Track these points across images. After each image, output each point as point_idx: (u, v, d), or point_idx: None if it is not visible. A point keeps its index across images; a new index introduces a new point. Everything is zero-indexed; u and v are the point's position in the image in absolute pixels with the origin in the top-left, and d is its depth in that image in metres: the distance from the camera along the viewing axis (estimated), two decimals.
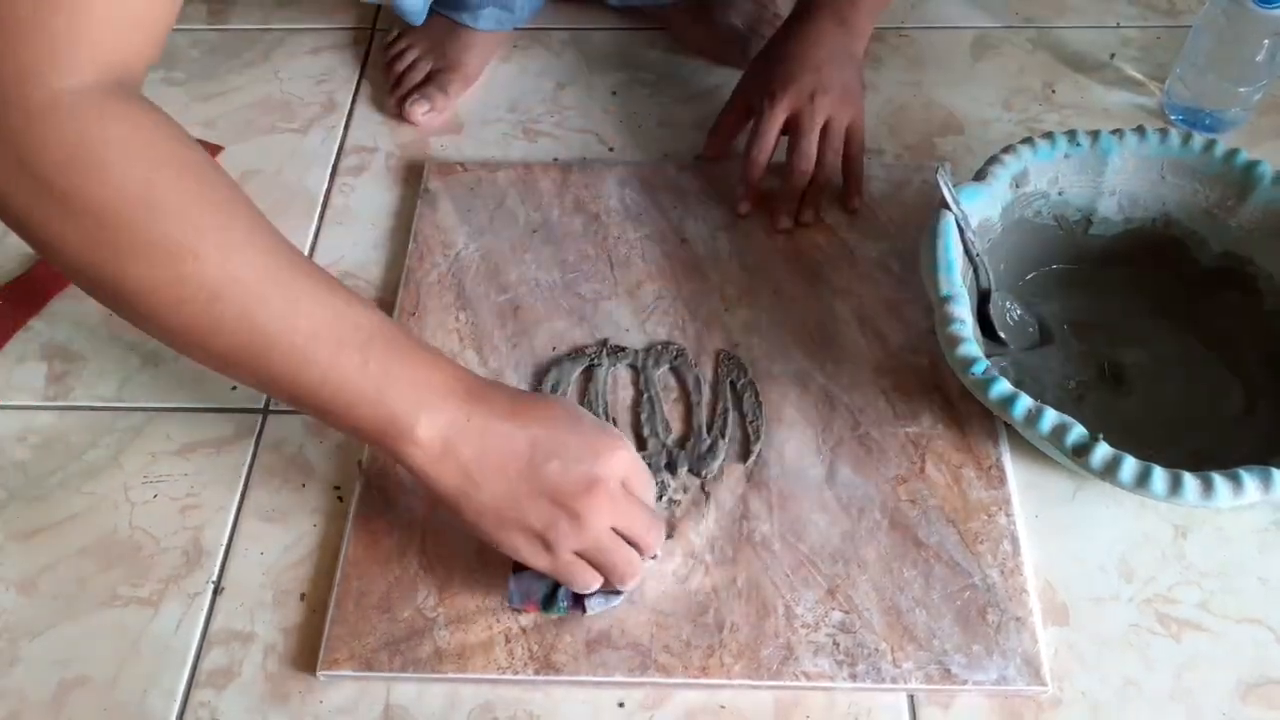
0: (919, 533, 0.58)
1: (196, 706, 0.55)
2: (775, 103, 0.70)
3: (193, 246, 0.43)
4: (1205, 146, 0.63)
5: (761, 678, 0.53)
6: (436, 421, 0.47)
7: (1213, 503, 0.51)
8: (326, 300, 0.46)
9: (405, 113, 0.81)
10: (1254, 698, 0.54)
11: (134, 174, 0.42)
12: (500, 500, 0.49)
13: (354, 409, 0.47)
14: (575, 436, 0.50)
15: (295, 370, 0.46)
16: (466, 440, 0.48)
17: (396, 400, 0.47)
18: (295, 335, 0.45)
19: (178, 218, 0.43)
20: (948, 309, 0.57)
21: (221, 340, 0.45)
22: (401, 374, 0.47)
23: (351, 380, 0.46)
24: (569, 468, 0.49)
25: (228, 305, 0.44)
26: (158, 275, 0.43)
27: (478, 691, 0.55)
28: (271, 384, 0.47)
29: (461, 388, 0.49)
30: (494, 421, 0.48)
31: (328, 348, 0.45)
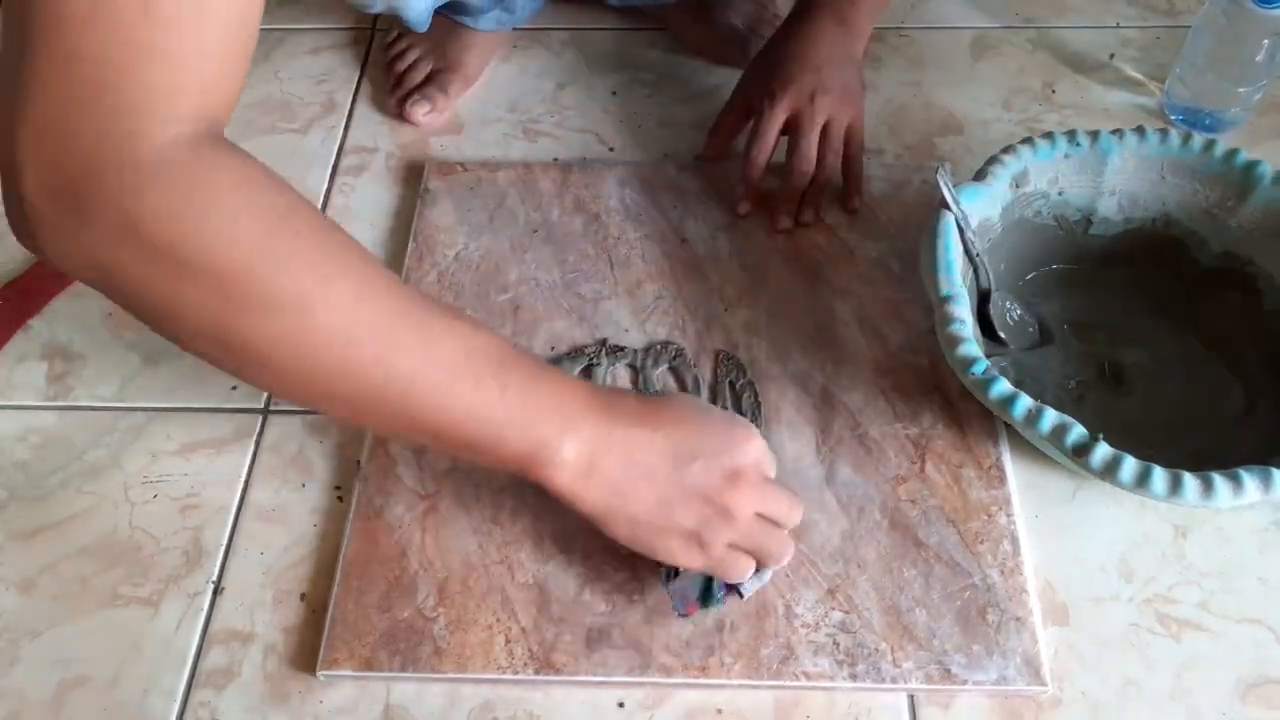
0: (919, 533, 0.58)
1: (196, 706, 0.55)
2: (775, 103, 0.70)
3: (321, 294, 0.42)
4: (1205, 146, 0.63)
5: (761, 677, 0.53)
6: (579, 440, 0.47)
7: (1213, 503, 0.51)
8: (457, 332, 0.46)
9: (406, 113, 0.81)
10: (1254, 698, 0.54)
11: (250, 225, 0.41)
12: (651, 508, 0.49)
13: (501, 440, 0.46)
14: (710, 433, 0.50)
15: (437, 409, 0.45)
16: (610, 454, 0.48)
17: (541, 424, 0.47)
18: (435, 373, 0.44)
19: (301, 265, 0.41)
20: (948, 309, 0.57)
21: (356, 386, 0.44)
22: (540, 397, 0.47)
23: (495, 412, 0.46)
24: (710, 465, 0.49)
25: (362, 350, 0.43)
26: (287, 326, 0.42)
27: (477, 691, 0.55)
28: (412, 426, 0.46)
29: (596, 403, 0.49)
30: (632, 430, 0.49)
31: (467, 381, 0.45)
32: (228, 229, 0.40)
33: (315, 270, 0.42)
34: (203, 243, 0.40)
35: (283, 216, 0.42)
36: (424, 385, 0.44)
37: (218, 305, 0.41)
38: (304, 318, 0.41)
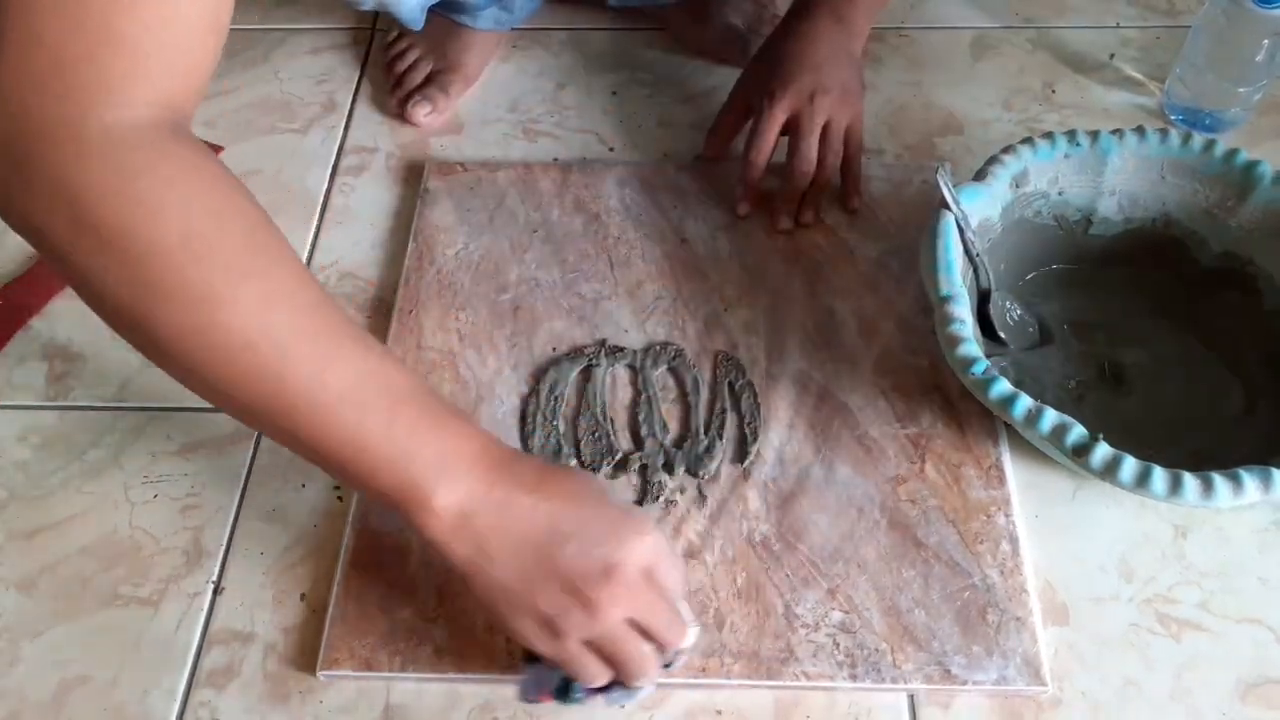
0: (919, 533, 0.58)
1: (196, 706, 0.55)
2: (774, 103, 0.70)
3: (230, 294, 0.42)
4: (1205, 146, 0.63)
5: (761, 677, 0.53)
6: (455, 491, 0.46)
7: (1213, 503, 0.51)
8: (358, 361, 0.45)
9: (407, 114, 0.81)
10: (1254, 698, 0.54)
11: (179, 214, 0.41)
12: (512, 578, 0.46)
13: (375, 473, 0.45)
14: (599, 517, 0.47)
15: (320, 429, 0.45)
16: (485, 512, 0.46)
17: (417, 467, 0.45)
18: (323, 394, 0.44)
19: (217, 263, 0.42)
20: (948, 309, 0.57)
21: (248, 392, 0.44)
22: (426, 440, 0.46)
23: (375, 444, 0.45)
24: (587, 550, 0.46)
25: (256, 357, 0.43)
26: (191, 320, 0.42)
27: (478, 691, 0.55)
28: (295, 441, 0.46)
29: (487, 458, 0.47)
30: (515, 494, 0.46)
31: (354, 410, 0.44)
32: (154, 216, 0.41)
33: (231, 269, 0.42)
34: (127, 225, 0.41)
35: (214, 214, 0.43)
36: (310, 404, 0.44)
37: (134, 289, 0.41)
38: (208, 315, 0.42)
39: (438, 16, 0.84)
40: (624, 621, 0.47)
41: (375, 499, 0.47)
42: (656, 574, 0.47)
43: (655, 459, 0.61)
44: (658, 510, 0.59)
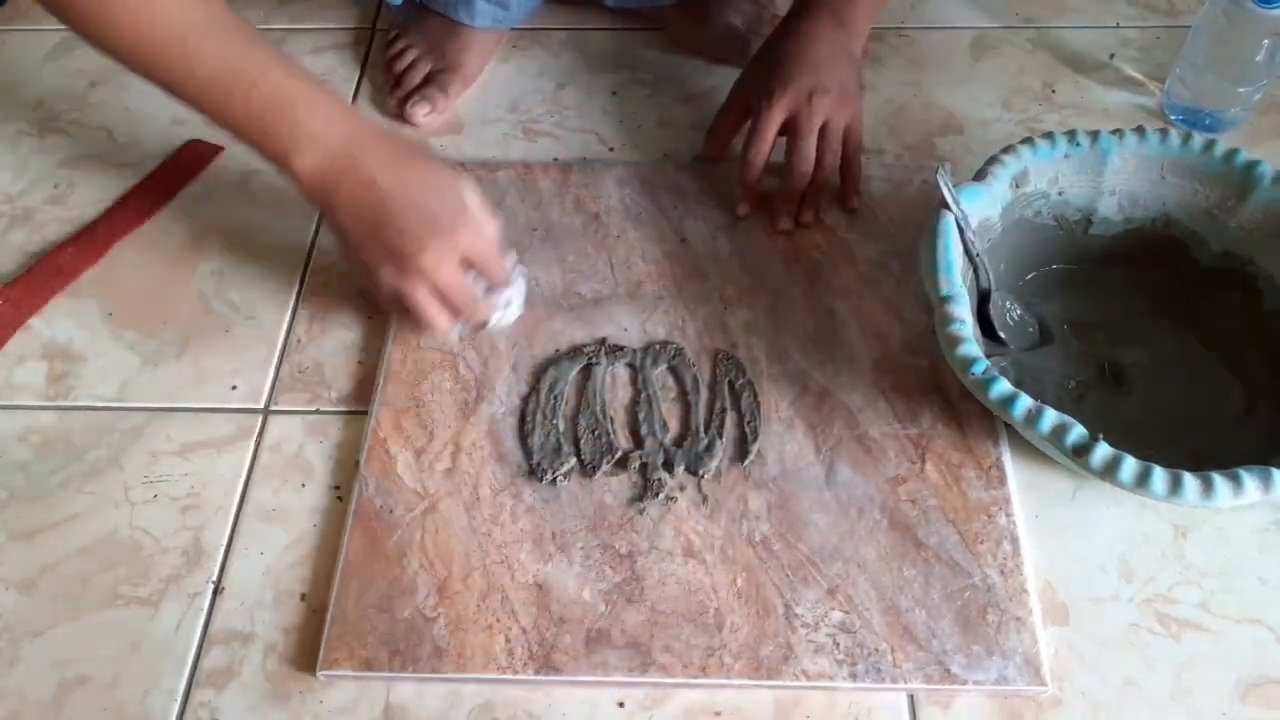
0: (919, 533, 0.58)
1: (196, 706, 0.55)
2: (773, 103, 0.70)
3: (107, 13, 0.53)
4: (1205, 146, 0.63)
5: (761, 677, 0.53)
6: (308, 160, 0.57)
7: (1213, 503, 0.51)
8: (222, 52, 0.56)
9: (406, 114, 0.81)
10: (1254, 698, 0.54)
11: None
12: (353, 239, 0.59)
13: (248, 142, 0.58)
14: (424, 209, 0.58)
15: (199, 108, 0.57)
16: (335, 180, 0.58)
17: (273, 142, 0.57)
18: (192, 82, 0.56)
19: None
20: (948, 309, 0.57)
21: (146, 78, 0.56)
22: (279, 119, 0.57)
23: (240, 122, 0.57)
24: (411, 230, 0.58)
25: (141, 61, 0.55)
26: (93, 35, 0.55)
27: (478, 691, 0.55)
28: (194, 112, 0.57)
29: (340, 129, 0.58)
30: (361, 168, 0.58)
31: (219, 93, 0.56)
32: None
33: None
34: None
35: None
36: (183, 90, 0.56)
37: (58, 10, 0.54)
38: (99, 31, 0.54)
39: (436, 16, 0.84)
40: (455, 276, 0.60)
41: None
42: (476, 262, 0.61)
43: (655, 458, 0.61)
44: (658, 508, 0.59)
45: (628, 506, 0.60)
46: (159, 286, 0.72)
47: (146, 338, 0.69)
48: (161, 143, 0.81)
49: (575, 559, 0.57)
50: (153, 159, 0.80)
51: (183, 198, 0.78)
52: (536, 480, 0.61)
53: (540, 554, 0.58)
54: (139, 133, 0.82)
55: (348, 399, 0.66)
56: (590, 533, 0.59)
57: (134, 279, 0.73)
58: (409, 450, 0.62)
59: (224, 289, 0.72)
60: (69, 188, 0.79)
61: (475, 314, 0.63)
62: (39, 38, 0.91)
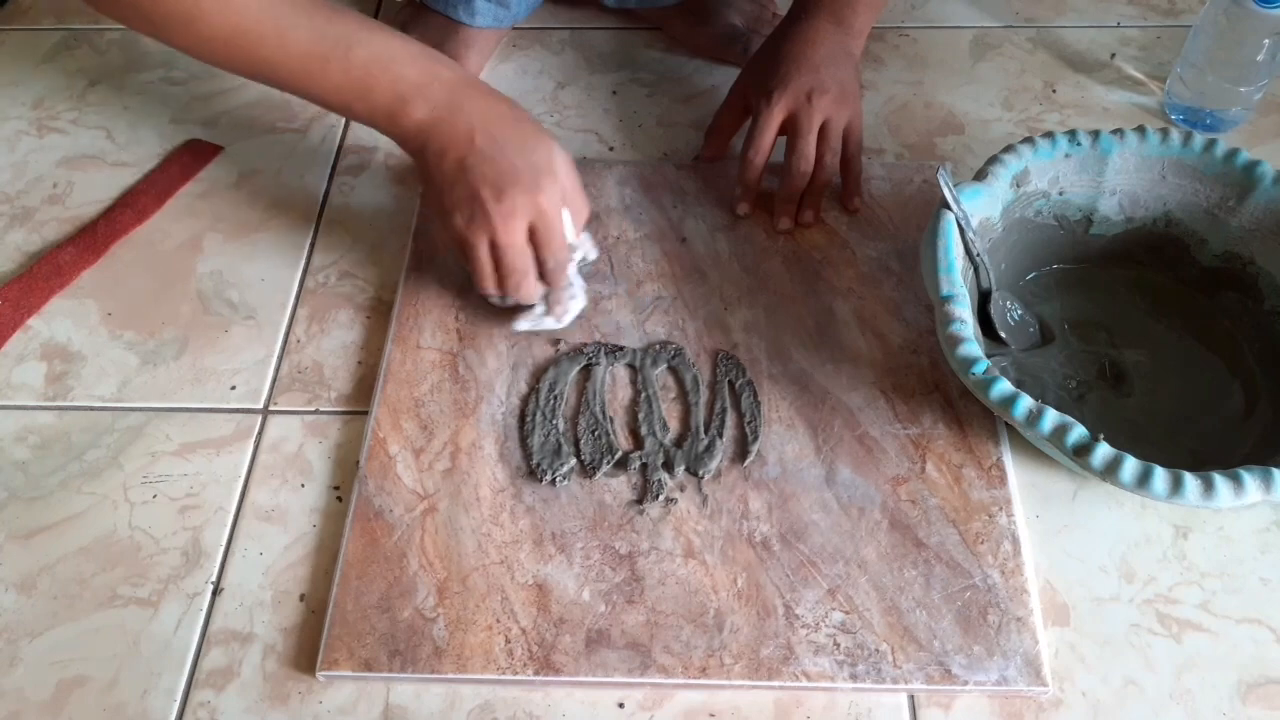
0: (919, 533, 0.58)
1: (196, 707, 0.54)
2: (772, 103, 0.70)
3: (194, 12, 0.54)
4: (1206, 146, 0.63)
5: (762, 678, 0.53)
6: (415, 113, 0.59)
7: (1213, 503, 0.51)
8: (311, 24, 0.57)
9: None
10: (1254, 698, 0.54)
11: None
12: (436, 177, 0.60)
13: (349, 108, 0.60)
14: (515, 161, 0.59)
15: (295, 84, 0.58)
16: (434, 129, 0.59)
17: (379, 97, 0.58)
18: (290, 61, 0.57)
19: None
20: (948, 309, 0.57)
21: (242, 69, 0.58)
22: (378, 80, 0.58)
23: (339, 87, 0.58)
24: (489, 181, 0.58)
25: (235, 50, 0.56)
26: (177, 37, 0.56)
27: (477, 692, 0.55)
28: (292, 92, 0.59)
29: (442, 83, 0.59)
30: (455, 122, 0.59)
31: (317, 65, 0.57)
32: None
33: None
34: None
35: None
36: (285, 70, 0.58)
37: (133, 21, 0.56)
38: (189, 29, 0.55)
39: (436, 15, 0.84)
40: (517, 236, 0.60)
41: (370, 124, 0.61)
42: (539, 233, 0.60)
43: (655, 458, 0.61)
44: (658, 509, 0.59)
45: (628, 507, 0.60)
46: (158, 286, 0.72)
47: (145, 338, 0.69)
48: (161, 142, 0.81)
49: (575, 559, 0.57)
50: (152, 159, 0.80)
51: (182, 197, 0.78)
52: (536, 481, 0.60)
53: (540, 554, 0.58)
54: (138, 132, 0.82)
55: (347, 399, 0.66)
56: (590, 533, 0.58)
57: (133, 279, 0.73)
58: (409, 450, 0.62)
59: (223, 289, 0.72)
60: (68, 187, 0.79)
61: (520, 288, 0.62)
62: (39, 37, 0.91)
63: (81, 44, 0.90)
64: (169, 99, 0.84)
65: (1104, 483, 0.53)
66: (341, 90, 0.58)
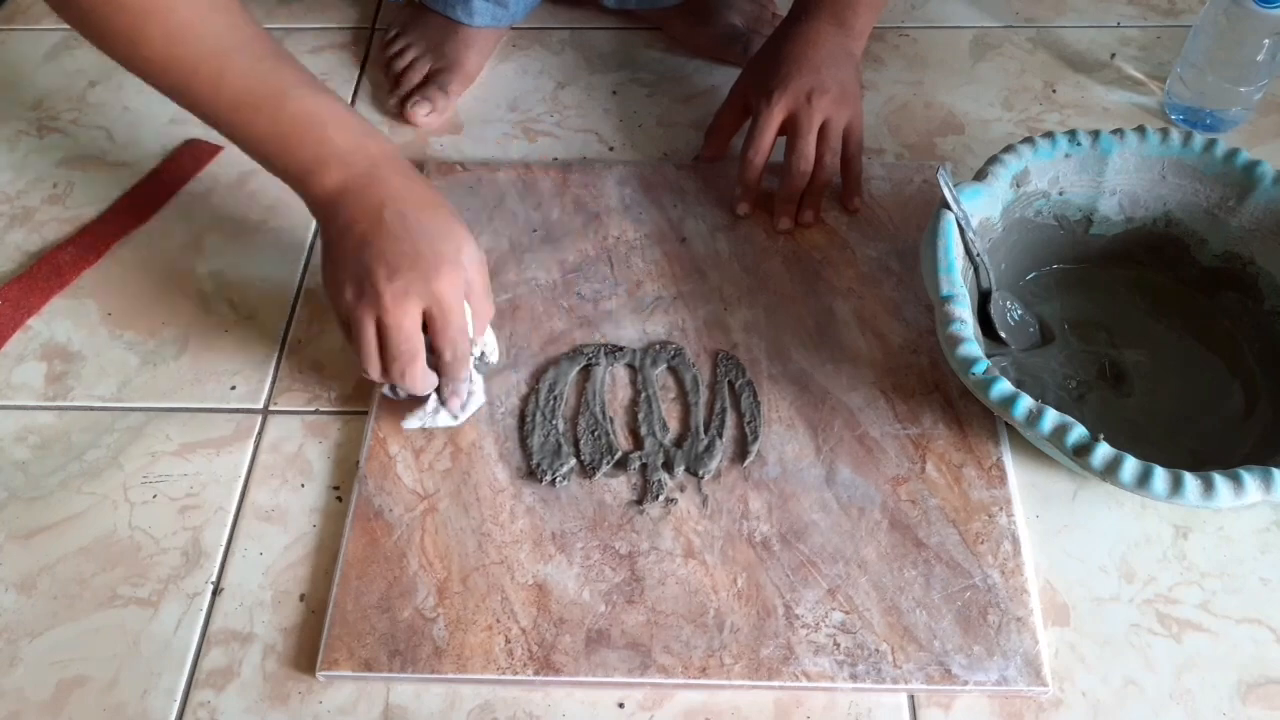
0: (919, 533, 0.58)
1: (196, 707, 0.54)
2: (772, 103, 0.70)
3: (139, 32, 0.53)
4: (1206, 146, 0.63)
5: (761, 678, 0.53)
6: (328, 178, 0.56)
7: (1214, 503, 0.51)
8: (252, 69, 0.55)
9: (407, 114, 0.81)
10: (1254, 698, 0.54)
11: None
12: (335, 247, 0.57)
13: (268, 161, 0.57)
14: (419, 244, 0.55)
15: (224, 128, 0.56)
16: (345, 199, 0.56)
17: (296, 160, 0.56)
18: (220, 101, 0.55)
19: (130, 9, 0.52)
20: (948, 309, 0.57)
21: (173, 98, 0.56)
22: (303, 140, 0.56)
23: (265, 139, 0.56)
24: (386, 259, 0.55)
25: (172, 78, 0.55)
26: (121, 54, 0.54)
27: (477, 692, 0.55)
28: (217, 131, 0.57)
29: (364, 154, 0.57)
30: (367, 195, 0.56)
31: (247, 111, 0.55)
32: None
33: (139, 11, 0.52)
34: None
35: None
36: (212, 109, 0.56)
37: (82, 26, 0.54)
38: (129, 49, 0.54)
39: (435, 15, 0.84)
40: (406, 319, 0.55)
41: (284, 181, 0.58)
42: (440, 317, 0.56)
43: (655, 458, 0.61)
44: (658, 509, 0.59)
45: (628, 507, 0.60)
46: (158, 286, 0.72)
47: (145, 338, 0.69)
48: (161, 143, 0.81)
49: (575, 559, 0.57)
50: (152, 159, 0.80)
51: (182, 197, 0.78)
52: (536, 481, 0.60)
53: (540, 554, 0.58)
54: (138, 132, 0.82)
55: (347, 399, 0.66)
56: (590, 533, 0.58)
57: (133, 279, 0.73)
58: (409, 450, 0.62)
59: (223, 289, 0.72)
60: (68, 187, 0.79)
61: (407, 376, 0.57)
62: (38, 37, 0.91)
63: (81, 44, 0.90)
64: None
65: (1104, 483, 0.53)
66: (265, 141, 0.56)
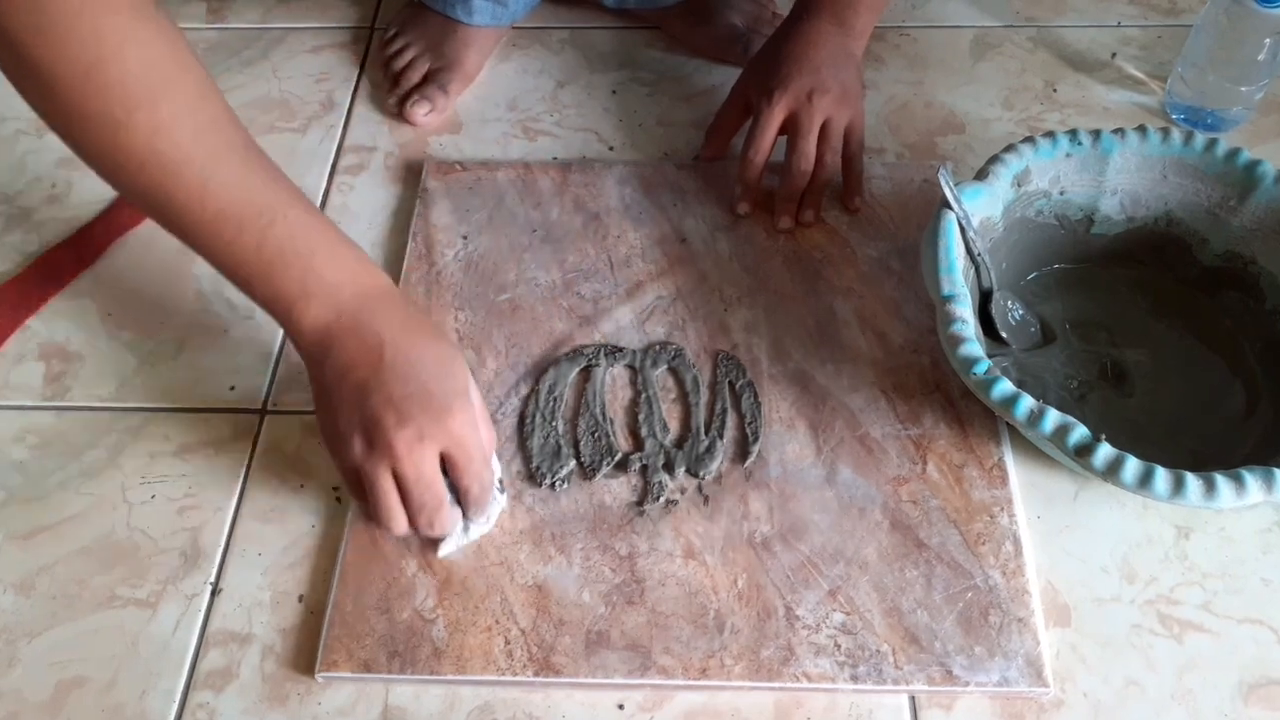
0: (920, 533, 0.58)
1: (195, 708, 0.54)
2: (772, 103, 0.70)
3: (123, 119, 0.47)
4: (1207, 146, 0.63)
5: (762, 679, 0.53)
6: (313, 312, 0.52)
7: (1215, 503, 0.50)
8: (240, 181, 0.51)
9: (407, 114, 0.81)
10: (1255, 698, 0.54)
11: (83, 44, 0.45)
12: (334, 393, 0.52)
13: (249, 285, 0.53)
14: (427, 382, 0.52)
15: (202, 243, 0.52)
16: (337, 337, 0.52)
17: (283, 286, 0.52)
18: (202, 212, 0.50)
19: (114, 91, 0.47)
20: (949, 309, 0.57)
21: (145, 203, 0.51)
22: (291, 264, 0.51)
23: (247, 261, 0.51)
24: (395, 403, 0.51)
25: (147, 176, 0.49)
26: (93, 141, 0.48)
27: (476, 693, 0.54)
28: (190, 246, 0.52)
29: (354, 287, 0.53)
30: (363, 332, 0.52)
31: (230, 228, 0.50)
32: (61, 42, 0.45)
33: (126, 96, 0.47)
34: (36, 49, 0.45)
35: (121, 43, 0.47)
36: (192, 221, 0.50)
37: (44, 104, 0.48)
38: (110, 138, 0.48)
39: (434, 14, 0.84)
40: (425, 467, 0.51)
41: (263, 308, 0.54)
42: (455, 461, 0.53)
43: (656, 459, 0.61)
44: (658, 510, 0.59)
45: (628, 508, 0.59)
46: (156, 287, 0.72)
47: (144, 338, 0.69)
48: None
49: (575, 560, 0.57)
50: None
51: None
52: (536, 484, 0.60)
53: (540, 555, 0.58)
54: None
55: None
56: (590, 534, 0.58)
57: (131, 279, 0.72)
58: None
59: (222, 289, 0.72)
60: (66, 188, 0.78)
61: (435, 525, 0.54)
62: None
63: None
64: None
65: (1105, 483, 0.53)
66: (245, 265, 0.51)
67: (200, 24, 0.91)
